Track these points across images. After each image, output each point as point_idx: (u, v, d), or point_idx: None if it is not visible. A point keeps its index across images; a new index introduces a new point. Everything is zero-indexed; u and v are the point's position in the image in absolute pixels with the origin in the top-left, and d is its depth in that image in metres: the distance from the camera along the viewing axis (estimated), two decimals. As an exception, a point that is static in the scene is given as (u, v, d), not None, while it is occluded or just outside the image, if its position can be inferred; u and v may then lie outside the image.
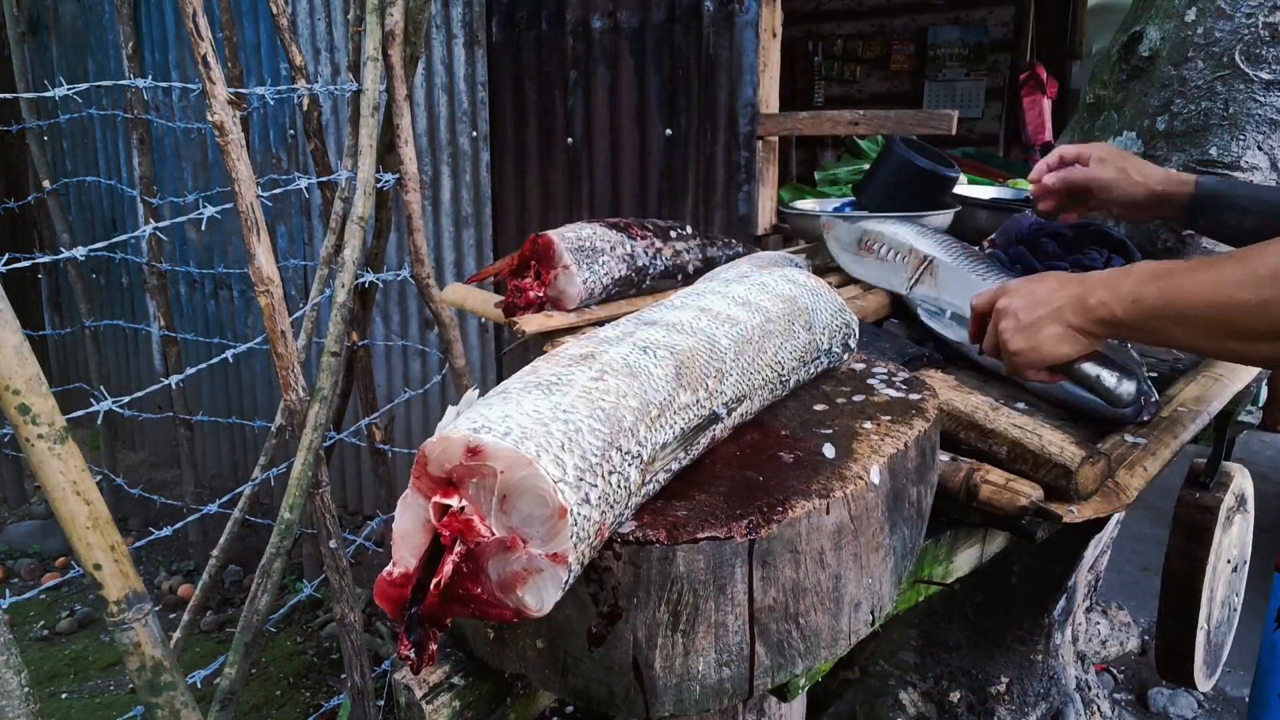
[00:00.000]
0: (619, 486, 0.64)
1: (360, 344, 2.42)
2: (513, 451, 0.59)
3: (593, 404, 0.66)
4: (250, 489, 2.17)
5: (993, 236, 1.77)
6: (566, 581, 0.60)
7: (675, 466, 0.73)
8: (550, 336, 1.41)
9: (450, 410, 0.70)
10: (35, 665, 2.94)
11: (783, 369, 0.88)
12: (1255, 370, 1.46)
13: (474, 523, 0.59)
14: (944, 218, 2.05)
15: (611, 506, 0.64)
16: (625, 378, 0.70)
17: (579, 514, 0.59)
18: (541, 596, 0.60)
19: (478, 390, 0.74)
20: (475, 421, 0.62)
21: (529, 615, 0.60)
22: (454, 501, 0.60)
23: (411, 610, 0.61)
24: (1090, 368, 1.01)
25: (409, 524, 0.61)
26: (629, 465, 0.66)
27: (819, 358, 0.95)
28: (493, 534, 0.59)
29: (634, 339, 0.77)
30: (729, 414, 0.80)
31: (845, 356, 1.00)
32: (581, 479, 0.61)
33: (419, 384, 3.30)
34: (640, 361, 0.73)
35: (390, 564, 0.62)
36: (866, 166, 2.73)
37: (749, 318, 0.87)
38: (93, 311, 3.64)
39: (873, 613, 0.80)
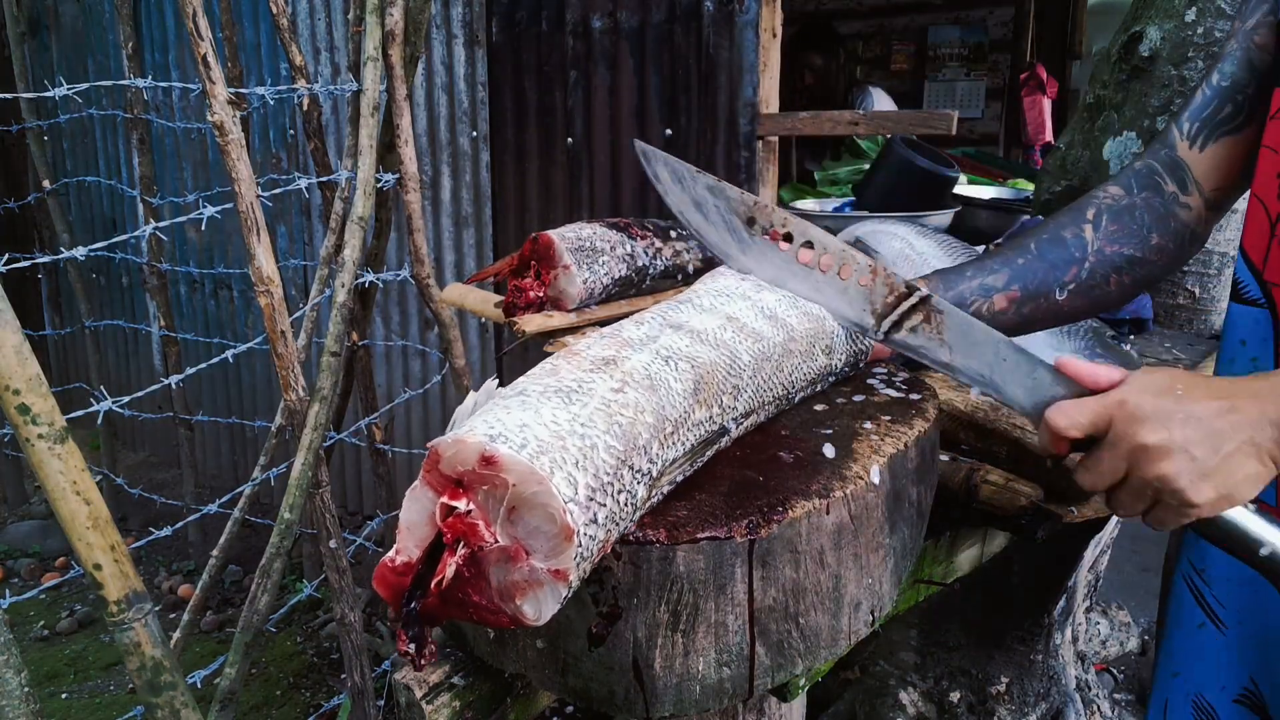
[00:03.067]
0: (626, 505, 0.64)
1: (360, 344, 2.42)
2: (527, 466, 0.58)
3: (610, 418, 0.65)
4: (250, 489, 2.17)
5: (999, 240, 1.77)
6: (566, 596, 0.60)
7: (680, 479, 0.73)
8: (550, 336, 1.41)
9: (469, 399, 0.70)
10: (35, 665, 2.94)
11: (793, 388, 0.87)
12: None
13: (479, 528, 0.59)
14: (944, 218, 2.05)
15: (617, 524, 0.64)
16: (645, 391, 0.70)
17: (585, 534, 0.59)
18: (540, 607, 0.60)
19: (497, 381, 0.73)
20: (492, 427, 0.61)
21: (526, 624, 0.60)
22: (461, 504, 0.59)
23: (410, 605, 0.61)
24: (1266, 530, 0.70)
25: (416, 516, 0.61)
26: (638, 483, 0.65)
27: (829, 378, 0.95)
28: (496, 541, 0.59)
29: (657, 345, 0.76)
30: (737, 428, 0.79)
31: (849, 374, 1.00)
32: (592, 499, 0.60)
33: (419, 384, 3.30)
34: (661, 374, 0.72)
35: (393, 550, 0.61)
36: (866, 166, 2.73)
37: (773, 334, 0.85)
38: (93, 311, 3.63)
39: (873, 613, 0.80)
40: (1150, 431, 0.68)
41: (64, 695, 2.82)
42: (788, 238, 0.80)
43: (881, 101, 4.35)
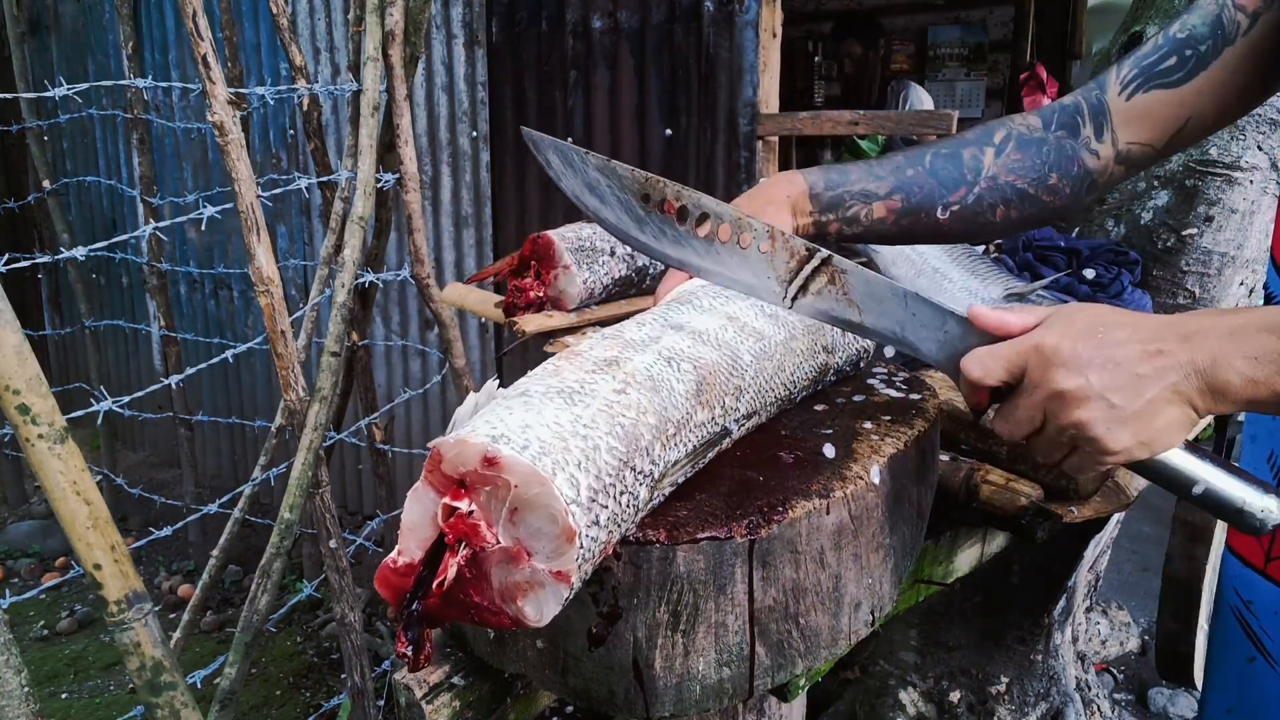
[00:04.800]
0: (628, 506, 0.64)
1: (360, 344, 2.42)
2: (529, 468, 0.58)
3: (613, 419, 0.65)
4: (250, 489, 2.17)
5: (999, 240, 1.77)
6: (567, 597, 0.60)
7: (681, 480, 0.73)
8: (550, 336, 1.41)
9: (469, 399, 0.69)
10: (35, 665, 2.94)
11: (794, 388, 0.87)
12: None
13: (480, 528, 0.59)
14: (944, 218, 2.05)
15: (619, 525, 0.63)
16: (647, 392, 0.69)
17: (587, 535, 0.59)
18: (541, 609, 0.59)
19: (498, 381, 0.73)
20: (495, 427, 0.61)
21: (527, 625, 0.60)
22: (463, 505, 0.59)
23: (411, 606, 0.61)
24: (1197, 467, 0.68)
25: (418, 516, 0.61)
26: (640, 484, 0.65)
27: (829, 376, 0.95)
28: (498, 542, 0.59)
29: (660, 346, 0.76)
30: (739, 429, 0.79)
31: (850, 373, 1.00)
32: (594, 500, 0.60)
33: (419, 384, 3.30)
34: (663, 374, 0.72)
35: (395, 551, 0.61)
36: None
37: (774, 333, 0.85)
38: (93, 311, 3.63)
39: (873, 613, 0.80)
40: (1067, 377, 0.65)
41: (64, 695, 2.82)
42: (682, 211, 0.78)
43: (923, 98, 4.34)
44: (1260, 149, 1.68)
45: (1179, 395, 0.65)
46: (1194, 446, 0.69)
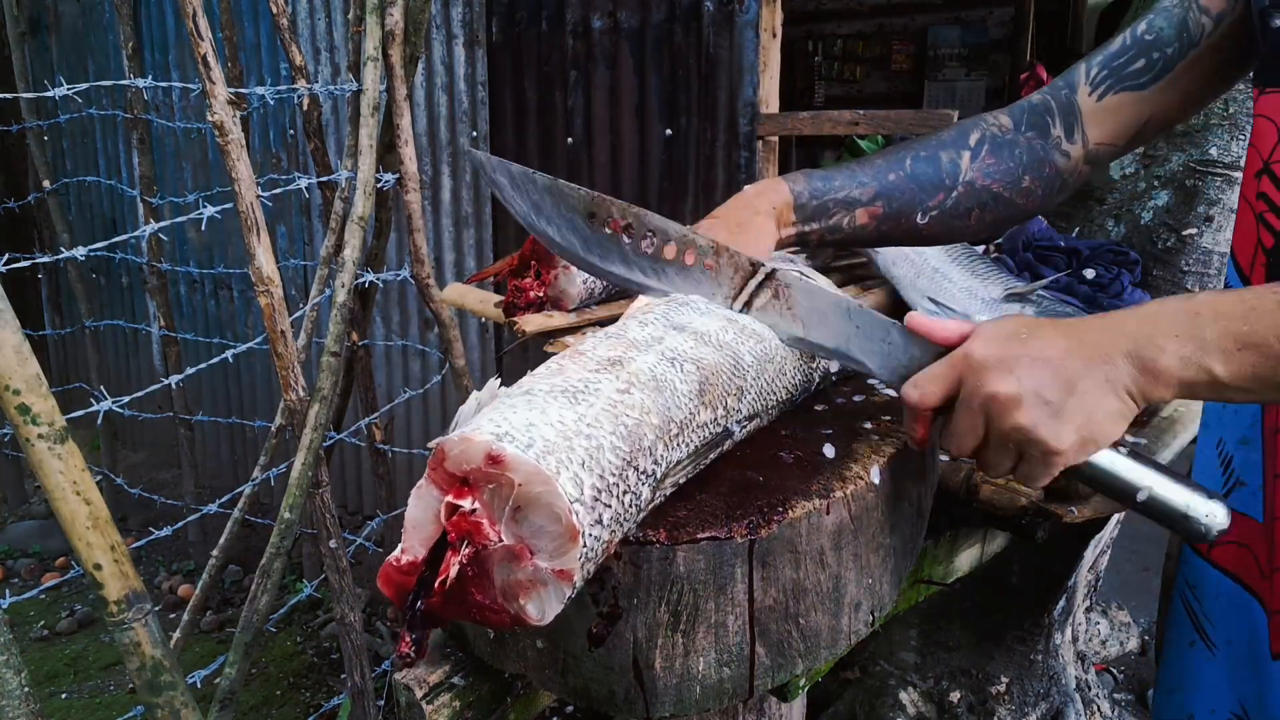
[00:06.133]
0: (630, 505, 0.64)
1: (360, 344, 2.42)
2: (533, 466, 0.58)
3: (616, 419, 0.65)
4: (250, 489, 2.17)
5: (998, 240, 1.77)
6: (570, 596, 0.60)
7: (683, 480, 0.73)
8: (550, 336, 1.41)
9: (472, 398, 0.69)
10: (35, 665, 2.94)
11: (795, 390, 0.87)
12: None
13: (483, 526, 0.59)
14: (944, 218, 2.04)
15: (621, 525, 0.64)
16: (650, 392, 0.69)
17: (590, 535, 0.59)
18: (543, 607, 0.60)
19: (499, 380, 0.73)
20: (499, 426, 0.61)
21: (529, 624, 0.60)
22: (466, 503, 0.59)
23: (415, 605, 0.61)
24: (1140, 473, 0.67)
25: (421, 514, 0.61)
26: (643, 484, 0.65)
27: (830, 378, 0.95)
28: (501, 540, 0.59)
29: (662, 347, 0.75)
30: (740, 430, 0.79)
31: (851, 373, 1.00)
32: (597, 499, 0.60)
33: (419, 384, 3.30)
34: (666, 375, 0.72)
35: (398, 549, 0.61)
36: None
37: (773, 334, 0.85)
38: (93, 311, 3.64)
39: (873, 613, 0.80)
40: (997, 380, 0.64)
41: (64, 695, 2.82)
42: (628, 229, 0.79)
43: None
44: (1260, 149, 1.68)
45: (1111, 384, 0.64)
46: (1137, 453, 0.68)
